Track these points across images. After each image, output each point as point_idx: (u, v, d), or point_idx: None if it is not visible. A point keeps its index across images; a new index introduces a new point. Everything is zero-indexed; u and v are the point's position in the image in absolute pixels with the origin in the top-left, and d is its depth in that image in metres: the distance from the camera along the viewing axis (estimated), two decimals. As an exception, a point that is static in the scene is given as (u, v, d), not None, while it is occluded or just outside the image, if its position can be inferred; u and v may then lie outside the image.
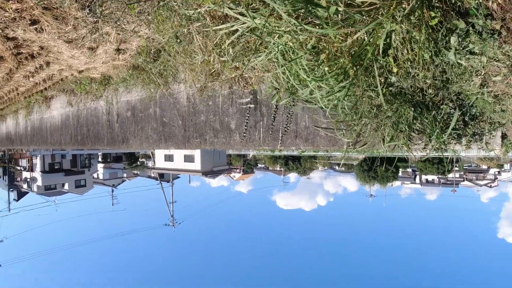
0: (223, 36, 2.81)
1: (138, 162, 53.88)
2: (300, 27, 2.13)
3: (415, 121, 3.38)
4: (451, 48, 2.70)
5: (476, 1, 2.52)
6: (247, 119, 4.42)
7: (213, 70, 4.29)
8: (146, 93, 5.83)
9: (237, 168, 58.67)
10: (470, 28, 2.62)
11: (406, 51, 2.68)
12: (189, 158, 36.65)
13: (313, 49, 2.79)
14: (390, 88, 3.03)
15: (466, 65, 2.86)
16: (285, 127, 4.09)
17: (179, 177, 46.92)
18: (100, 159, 56.69)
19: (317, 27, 2.31)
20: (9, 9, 3.74)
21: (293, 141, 4.08)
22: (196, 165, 36.88)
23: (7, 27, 4.24)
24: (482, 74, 2.79)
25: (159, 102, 5.64)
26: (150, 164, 46.78)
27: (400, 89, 3.19)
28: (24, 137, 12.10)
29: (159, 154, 39.07)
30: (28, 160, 48.40)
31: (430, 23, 2.41)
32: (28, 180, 47.95)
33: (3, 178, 50.28)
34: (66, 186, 47.92)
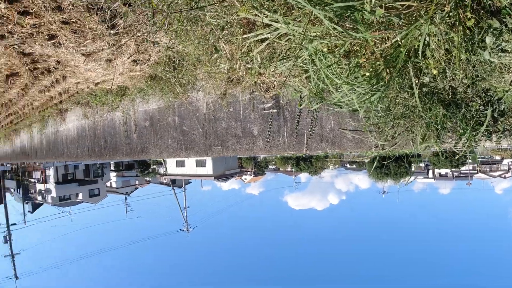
0: (251, 43, 2.78)
1: (150, 169, 54.17)
2: (337, 31, 2.08)
3: (446, 120, 3.31)
4: (486, 48, 2.64)
5: (508, 1, 2.46)
6: (270, 124, 4.38)
7: (234, 77, 4.26)
8: (164, 102, 5.83)
9: (248, 171, 58.69)
10: (503, 27, 2.57)
11: (441, 52, 2.62)
12: (201, 163, 36.76)
13: (344, 52, 2.74)
14: (423, 89, 2.97)
15: (497, 62, 2.80)
16: (310, 131, 4.04)
17: (190, 182, 47.09)
18: (112, 168, 57.17)
19: (351, 31, 2.27)
20: (26, 24, 3.73)
21: (319, 144, 4.02)
22: (208, 169, 36.98)
23: (24, 43, 4.24)
24: (515, 70, 2.73)
25: (177, 111, 5.63)
26: (162, 170, 47.03)
27: (432, 89, 3.13)
28: (39, 151, 12.21)
29: (171, 160, 39.26)
30: (42, 172, 49.00)
31: (466, 24, 2.35)
32: (43, 191, 48.53)
33: (18, 191, 51.01)
34: (80, 196, 48.38)
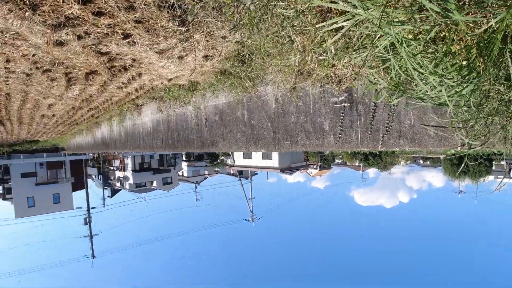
0: (325, 33, 2.61)
1: (218, 160, 56.08)
2: (429, 14, 1.84)
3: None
4: None
5: None
6: (342, 119, 4.16)
7: (303, 70, 4.10)
8: (233, 97, 5.86)
9: (314, 164, 57.94)
10: None
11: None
12: (267, 155, 37.07)
13: (430, 39, 2.45)
14: (525, 79, 2.55)
15: None
16: (386, 127, 3.75)
17: (257, 173, 47.83)
18: (184, 158, 60.23)
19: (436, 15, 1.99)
20: (101, 25, 3.90)
21: (396, 141, 3.72)
22: (274, 162, 37.17)
23: (100, 43, 4.46)
24: None
25: (246, 105, 5.63)
26: (229, 161, 48.39)
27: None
28: (118, 142, 13.17)
29: (238, 152, 40.16)
30: (120, 160, 53.30)
31: None
32: (121, 178, 52.83)
33: (98, 178, 56.09)
34: (155, 184, 51.83)
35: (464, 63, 2.01)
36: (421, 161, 62.56)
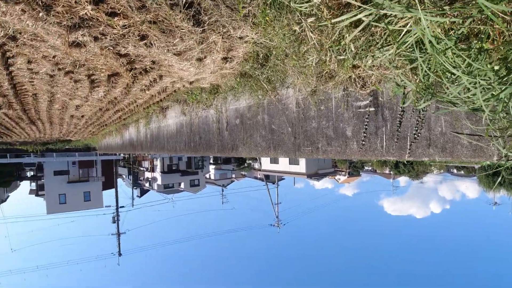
0: (343, 29, 2.37)
1: (245, 164, 56.13)
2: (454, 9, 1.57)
3: None
4: None
5: None
6: (366, 125, 3.87)
7: (325, 71, 3.85)
8: (254, 100, 5.68)
9: (343, 171, 56.85)
10: None
11: None
12: (294, 161, 36.64)
13: (462, 35, 2.17)
14: None
15: None
16: (414, 134, 3.43)
17: (283, 178, 47.47)
18: (211, 161, 60.73)
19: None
20: (116, 25, 3.81)
21: (425, 150, 3.39)
22: (301, 167, 36.68)
23: (118, 44, 4.39)
24: None
25: (267, 109, 5.42)
26: (256, 165, 48.29)
27: None
28: (144, 143, 13.31)
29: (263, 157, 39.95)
30: (150, 162, 54.43)
31: None
32: (150, 179, 53.90)
33: (128, 178, 57.44)
34: (182, 185, 52.50)
35: (495, 63, 1.71)
36: (455, 171, 60.04)
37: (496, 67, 1.79)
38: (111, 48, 4.29)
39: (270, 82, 4.92)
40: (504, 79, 2.10)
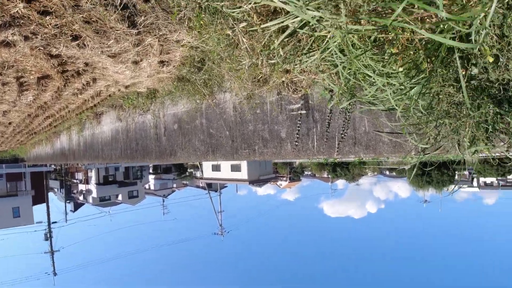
0: (272, 35, 2.52)
1: (187, 173, 55.16)
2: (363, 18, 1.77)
3: (498, 120, 2.87)
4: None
5: None
6: (298, 127, 4.08)
7: (260, 76, 4.01)
8: (192, 105, 5.69)
9: (284, 176, 58.17)
10: None
11: (492, 38, 2.22)
12: (236, 168, 36.81)
13: (376, 42, 2.41)
14: (472, 82, 2.56)
15: None
16: (341, 134, 3.70)
17: (226, 186, 47.38)
18: (151, 171, 58.75)
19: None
20: (48, 24, 3.66)
21: (352, 148, 3.67)
22: (243, 174, 36.93)
23: (49, 44, 4.20)
24: None
25: (205, 113, 5.47)
26: (198, 174, 47.71)
27: (482, 82, 2.70)
28: (77, 152, 12.59)
29: (207, 164, 39.66)
30: (84, 173, 51.28)
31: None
32: (84, 192, 50.76)
33: (61, 191, 53.60)
34: (120, 197, 50.07)
35: (402, 66, 1.95)
36: (387, 172, 64.32)
37: (401, 69, 2.03)
38: (42, 48, 4.08)
39: (207, 86, 4.98)
40: (414, 80, 2.38)
